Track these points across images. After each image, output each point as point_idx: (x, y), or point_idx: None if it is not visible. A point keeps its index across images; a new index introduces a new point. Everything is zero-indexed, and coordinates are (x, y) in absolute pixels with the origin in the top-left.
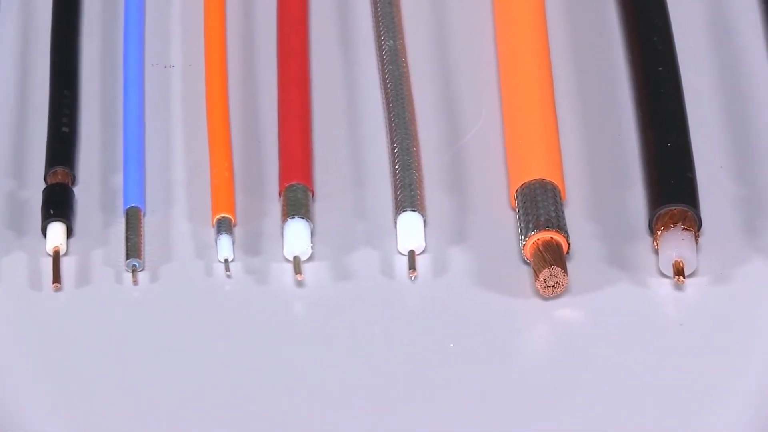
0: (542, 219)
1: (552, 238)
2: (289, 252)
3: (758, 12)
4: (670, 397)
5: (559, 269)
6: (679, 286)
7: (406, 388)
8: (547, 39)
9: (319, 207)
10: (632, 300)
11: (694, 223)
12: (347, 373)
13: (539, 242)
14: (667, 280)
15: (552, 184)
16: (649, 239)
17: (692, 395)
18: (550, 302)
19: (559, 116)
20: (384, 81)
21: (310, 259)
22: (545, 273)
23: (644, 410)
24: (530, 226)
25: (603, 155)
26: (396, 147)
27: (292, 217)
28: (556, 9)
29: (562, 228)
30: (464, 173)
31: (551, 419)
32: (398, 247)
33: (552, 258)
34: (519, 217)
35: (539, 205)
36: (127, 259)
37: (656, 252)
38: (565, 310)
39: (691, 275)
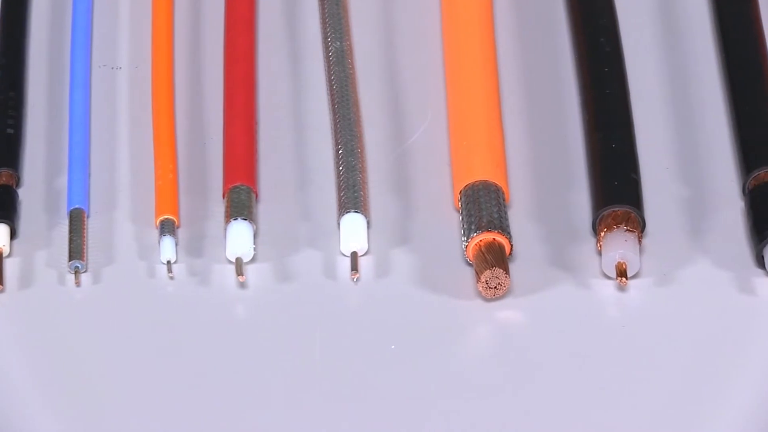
0: (485, 220)
1: (494, 239)
2: (231, 253)
3: (707, 13)
4: (612, 398)
5: (501, 270)
6: (621, 288)
7: (347, 389)
8: (494, 40)
9: (263, 208)
10: (575, 301)
11: (637, 225)
12: (289, 374)
13: (481, 243)
14: (610, 282)
15: (495, 185)
16: (593, 240)
17: (634, 396)
18: (493, 303)
19: (505, 118)
20: (330, 82)
21: (253, 260)
22: (487, 274)
23: (586, 411)
24: (473, 227)
25: (549, 157)
26: (340, 148)
27: (235, 219)
28: (504, 9)
29: (504, 229)
30: (409, 175)
31: (493, 420)
32: (341, 248)
33: (494, 259)
34: (462, 219)
35: (482, 207)
36: (69, 261)
37: (599, 253)
38: (507, 312)
39: (634, 276)
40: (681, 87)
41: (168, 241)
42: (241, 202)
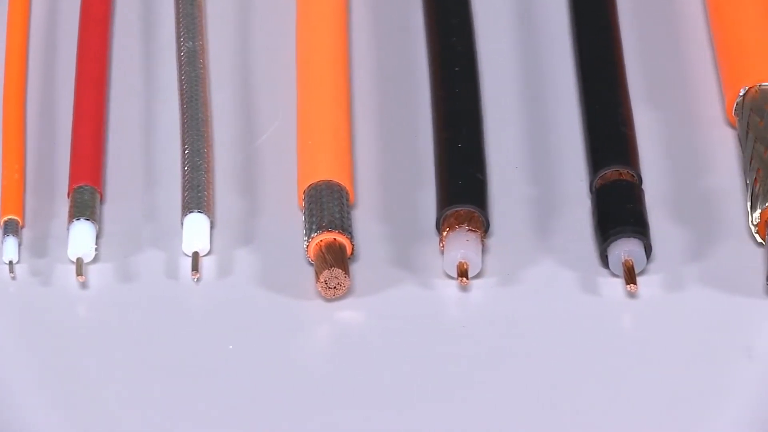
0: (326, 220)
1: (335, 239)
2: (72, 253)
3: (565, 15)
4: (450, 398)
5: (340, 271)
6: (464, 288)
7: (186, 389)
8: (347, 40)
9: (110, 208)
10: (416, 301)
11: (480, 224)
12: (129, 374)
13: (322, 244)
14: (453, 282)
15: (339, 185)
16: (438, 240)
17: (473, 395)
18: (334, 304)
19: (357, 118)
20: (181, 82)
21: (96, 260)
22: (326, 274)
23: (426, 411)
24: (314, 227)
25: (400, 157)
26: (187, 148)
27: (78, 219)
28: (361, 9)
29: (345, 229)
30: (257, 175)
31: (333, 420)
32: (183, 248)
33: (333, 259)
34: (304, 219)
35: (324, 207)
36: None
37: (443, 253)
38: (347, 312)
39: (477, 276)
40: (536, 87)
41: (10, 242)
42: (84, 203)
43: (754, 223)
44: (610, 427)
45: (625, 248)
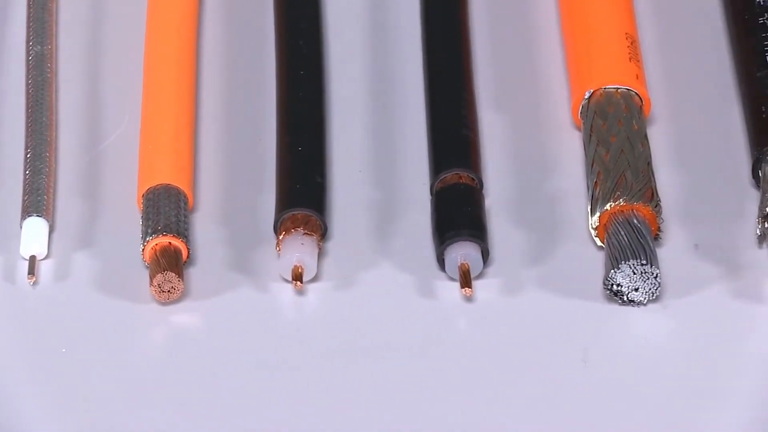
0: (161, 224)
1: (170, 243)
2: None
3: (417, 19)
4: (283, 402)
5: (174, 274)
6: (299, 291)
7: (18, 393)
8: (194, 44)
9: None
10: (252, 305)
11: (317, 228)
12: None
13: (157, 247)
14: (289, 285)
15: (177, 189)
16: None
17: (306, 400)
18: (169, 307)
19: (202, 122)
20: (27, 86)
21: None
22: (159, 278)
23: (258, 415)
24: (149, 230)
25: (244, 161)
26: (29, 152)
27: None
28: (213, 11)
29: (181, 233)
30: (101, 178)
31: (165, 425)
32: (21, 251)
33: (167, 263)
34: (142, 222)
35: (161, 211)
36: None
37: (279, 257)
38: (181, 315)
39: (313, 280)
40: (384, 90)
41: None
42: None
43: (594, 226)
44: (444, 430)
45: (461, 252)
